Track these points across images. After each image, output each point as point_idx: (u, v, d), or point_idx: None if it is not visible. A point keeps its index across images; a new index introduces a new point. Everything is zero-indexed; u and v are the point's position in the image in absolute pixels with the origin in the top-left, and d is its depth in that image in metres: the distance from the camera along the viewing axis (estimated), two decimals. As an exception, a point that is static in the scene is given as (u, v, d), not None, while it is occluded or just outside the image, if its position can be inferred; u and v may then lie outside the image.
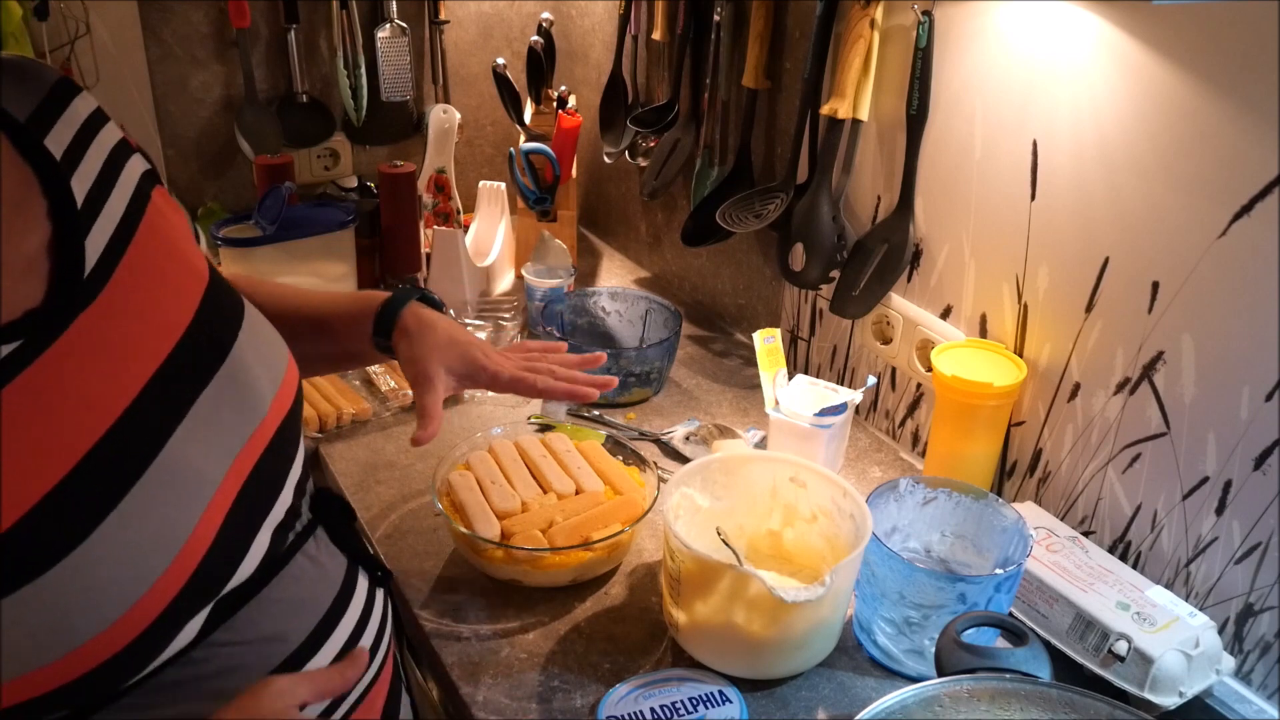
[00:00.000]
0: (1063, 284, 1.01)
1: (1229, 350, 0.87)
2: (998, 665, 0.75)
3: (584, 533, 0.99)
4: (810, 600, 0.81)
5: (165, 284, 0.66)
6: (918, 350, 1.19)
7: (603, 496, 1.06)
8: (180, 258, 0.69)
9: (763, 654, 0.88)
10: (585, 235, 1.92)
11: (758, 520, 1.01)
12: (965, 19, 1.05)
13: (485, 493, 1.04)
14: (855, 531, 0.91)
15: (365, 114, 1.70)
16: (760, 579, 0.81)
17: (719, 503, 0.99)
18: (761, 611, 0.84)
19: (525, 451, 1.12)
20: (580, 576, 1.00)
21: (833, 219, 1.23)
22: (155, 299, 0.65)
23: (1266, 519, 0.86)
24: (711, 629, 0.88)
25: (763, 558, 1.01)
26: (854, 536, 0.91)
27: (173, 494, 0.60)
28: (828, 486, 0.95)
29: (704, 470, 0.98)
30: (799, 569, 1.00)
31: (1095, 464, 1.01)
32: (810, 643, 0.89)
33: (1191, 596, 0.93)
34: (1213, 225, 0.85)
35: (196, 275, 0.69)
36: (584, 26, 1.81)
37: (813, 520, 0.98)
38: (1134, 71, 0.89)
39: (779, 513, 1.00)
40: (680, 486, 0.95)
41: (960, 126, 1.08)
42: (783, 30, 1.31)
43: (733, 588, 0.84)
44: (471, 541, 0.98)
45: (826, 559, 0.97)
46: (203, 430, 0.63)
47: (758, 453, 0.99)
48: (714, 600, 0.86)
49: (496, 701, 0.87)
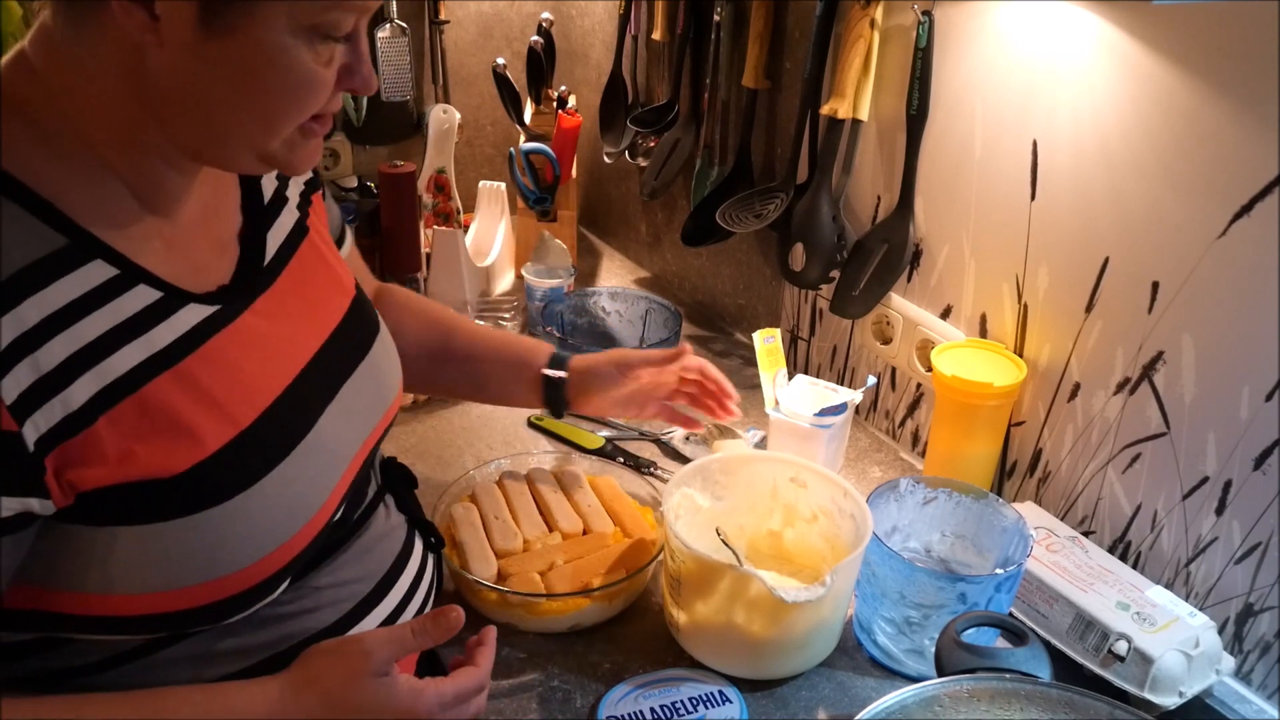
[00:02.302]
0: (1063, 284, 1.01)
1: (1229, 350, 0.86)
2: (998, 665, 0.75)
3: (584, 578, 0.94)
4: (810, 600, 0.81)
5: (323, 283, 0.77)
6: (918, 350, 1.19)
7: (610, 539, 1.00)
8: (336, 258, 0.81)
9: (763, 654, 0.88)
10: (585, 235, 1.92)
11: (758, 520, 1.01)
12: (965, 19, 1.05)
13: (487, 528, 1.00)
14: (856, 531, 0.90)
15: (365, 114, 1.70)
16: (761, 579, 0.81)
17: (719, 503, 0.98)
18: (762, 612, 0.84)
19: (535, 485, 1.08)
20: (579, 624, 0.93)
21: (833, 219, 1.23)
22: (318, 293, 0.76)
23: (1266, 519, 0.86)
24: (712, 629, 0.87)
25: (763, 558, 1.01)
26: (854, 536, 0.90)
27: (317, 465, 0.69)
28: (828, 486, 0.95)
29: (704, 470, 0.97)
30: (799, 569, 1.00)
31: (1095, 464, 1.01)
32: (811, 643, 0.89)
33: (1191, 596, 0.93)
34: (1213, 225, 0.85)
35: (346, 281, 0.80)
36: (584, 26, 1.81)
37: (813, 520, 0.98)
38: (1134, 71, 0.89)
39: (779, 513, 1.00)
40: (681, 487, 0.95)
41: (960, 126, 1.08)
42: (783, 30, 1.31)
43: (733, 588, 0.84)
44: (465, 581, 0.94)
45: (827, 559, 0.96)
46: (344, 415, 0.73)
47: (758, 453, 0.99)
48: (715, 600, 0.86)
49: (496, 701, 0.87)
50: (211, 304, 0.65)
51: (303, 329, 0.73)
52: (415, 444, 1.24)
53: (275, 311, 0.70)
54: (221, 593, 0.64)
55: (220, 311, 0.66)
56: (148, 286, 0.62)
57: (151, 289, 0.62)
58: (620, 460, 1.19)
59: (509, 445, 1.24)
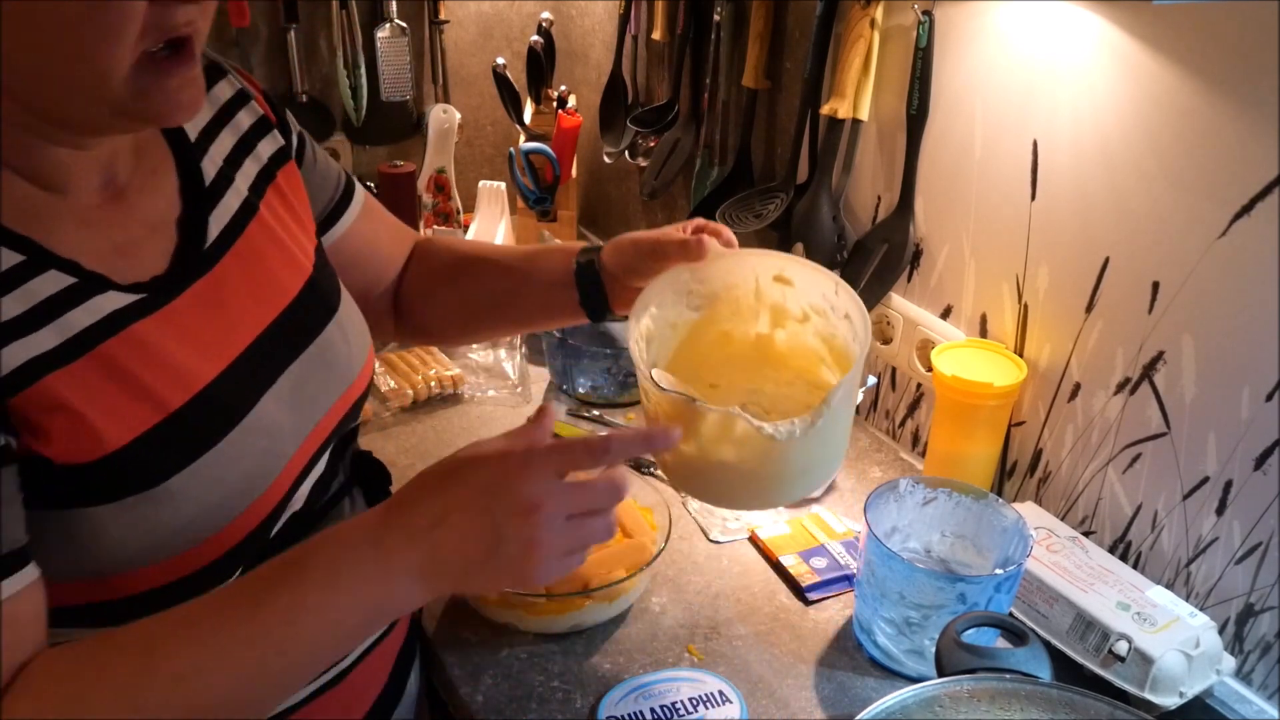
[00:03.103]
0: (1063, 284, 1.01)
1: (1229, 350, 0.86)
2: (998, 665, 0.75)
3: (584, 578, 0.93)
4: (801, 434, 0.71)
5: (274, 263, 0.74)
6: (918, 350, 1.19)
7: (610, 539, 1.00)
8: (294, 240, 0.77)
9: (764, 488, 0.79)
10: (585, 235, 1.92)
11: (744, 326, 0.87)
12: (965, 19, 1.05)
13: None
14: (853, 332, 0.79)
15: (365, 114, 1.70)
16: (746, 419, 0.70)
17: (697, 314, 0.85)
18: (752, 448, 0.73)
19: None
20: (580, 624, 0.93)
21: (833, 219, 1.23)
22: (268, 275, 0.73)
23: (1267, 519, 0.86)
24: (702, 469, 0.76)
25: (754, 366, 0.88)
26: (851, 336, 0.80)
27: (259, 449, 0.68)
28: (818, 281, 0.82)
29: (674, 282, 0.83)
30: (797, 375, 0.87)
31: (1095, 464, 1.01)
32: (813, 466, 0.79)
33: (1192, 597, 0.93)
34: (1213, 225, 0.85)
35: (301, 263, 0.77)
36: (584, 26, 1.81)
37: (805, 320, 0.85)
38: (1134, 71, 0.89)
39: (766, 314, 0.86)
40: (648, 308, 0.81)
41: (960, 126, 1.08)
42: (783, 30, 1.31)
43: (718, 427, 0.73)
44: None
45: (826, 359, 0.85)
46: (289, 399, 0.71)
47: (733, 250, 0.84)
48: (699, 441, 0.74)
49: (496, 702, 0.87)
50: (136, 293, 0.63)
51: (246, 312, 0.71)
52: (415, 444, 1.24)
53: (213, 296, 0.68)
54: (167, 576, 0.63)
55: (146, 299, 0.64)
56: (59, 272, 0.59)
57: (64, 275, 0.60)
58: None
59: (509, 445, 1.24)
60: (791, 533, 1.08)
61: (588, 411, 1.32)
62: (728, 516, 1.12)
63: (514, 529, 0.59)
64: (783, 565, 1.03)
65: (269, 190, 0.76)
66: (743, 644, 0.94)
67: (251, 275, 0.72)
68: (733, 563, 1.05)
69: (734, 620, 0.97)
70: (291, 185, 0.79)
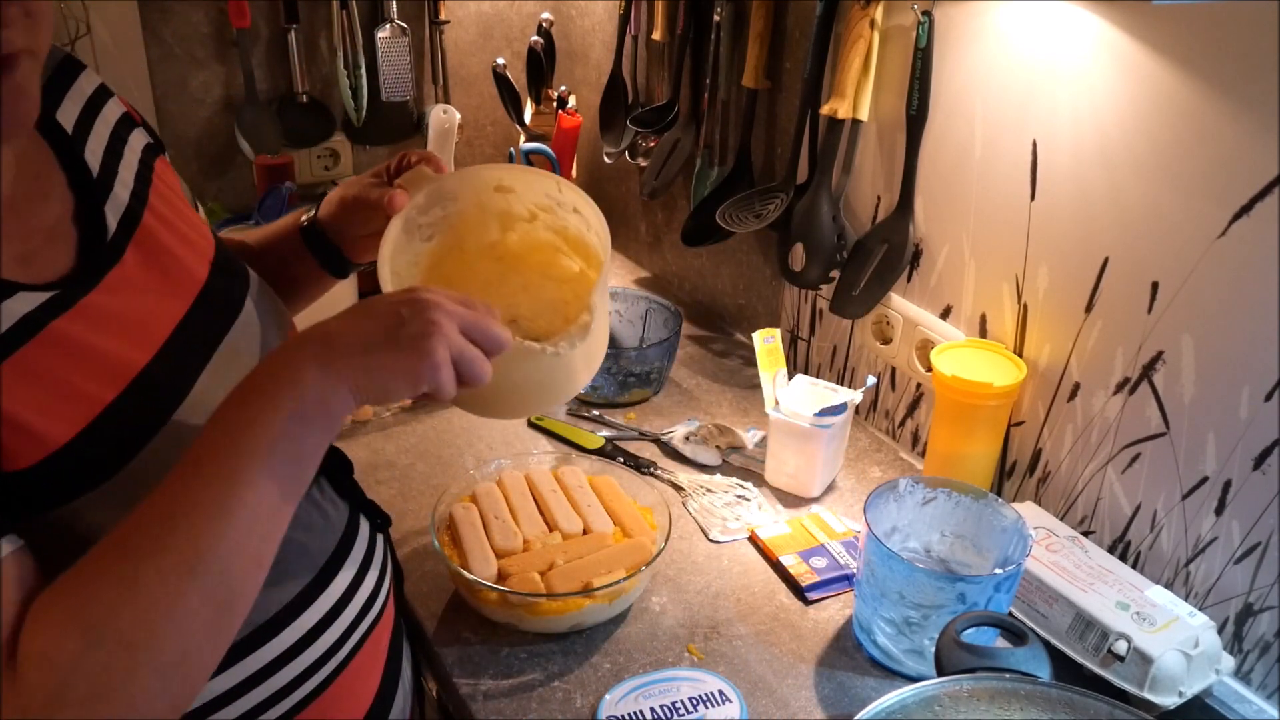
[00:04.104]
0: (1062, 284, 1.01)
1: (1229, 350, 0.87)
2: (998, 665, 0.75)
3: (584, 578, 0.93)
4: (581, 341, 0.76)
5: (180, 246, 0.74)
6: (917, 350, 1.19)
7: (610, 539, 1.00)
8: (189, 223, 0.77)
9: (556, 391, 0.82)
10: (585, 235, 1.92)
11: (476, 239, 0.89)
12: (965, 19, 1.05)
13: (487, 528, 1.00)
14: (585, 223, 0.84)
15: (365, 114, 1.70)
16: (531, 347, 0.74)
17: (433, 243, 0.87)
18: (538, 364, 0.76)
19: (535, 485, 1.07)
20: (580, 624, 0.94)
21: (833, 219, 1.23)
22: (175, 259, 0.72)
23: (1266, 519, 0.86)
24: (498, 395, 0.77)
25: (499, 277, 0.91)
26: (586, 227, 0.84)
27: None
28: (539, 182, 0.86)
29: (405, 223, 0.83)
30: (541, 274, 0.91)
31: (1095, 464, 1.01)
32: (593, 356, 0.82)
33: (1191, 596, 0.93)
34: (1213, 225, 0.85)
35: (205, 238, 0.77)
36: (584, 26, 1.81)
37: (533, 219, 0.88)
38: (1134, 71, 0.89)
39: (495, 223, 0.89)
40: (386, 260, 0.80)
41: (960, 126, 1.08)
42: (783, 30, 1.31)
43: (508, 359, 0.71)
44: (465, 581, 0.94)
45: (562, 248, 0.89)
46: (224, 377, 0.70)
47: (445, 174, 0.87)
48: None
49: (496, 701, 0.87)
50: (48, 290, 0.62)
51: (163, 298, 0.70)
52: (415, 444, 1.24)
53: (127, 286, 0.68)
54: None
55: (59, 295, 0.63)
56: None
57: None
58: (620, 460, 1.19)
59: (509, 445, 1.24)
60: (791, 533, 1.08)
61: (588, 411, 1.32)
62: (728, 517, 1.12)
63: (415, 313, 0.63)
64: (783, 565, 1.03)
65: (153, 179, 0.76)
66: (743, 644, 0.94)
67: (158, 261, 0.71)
68: (733, 562, 1.05)
69: (734, 620, 0.97)
70: (168, 178, 0.79)
